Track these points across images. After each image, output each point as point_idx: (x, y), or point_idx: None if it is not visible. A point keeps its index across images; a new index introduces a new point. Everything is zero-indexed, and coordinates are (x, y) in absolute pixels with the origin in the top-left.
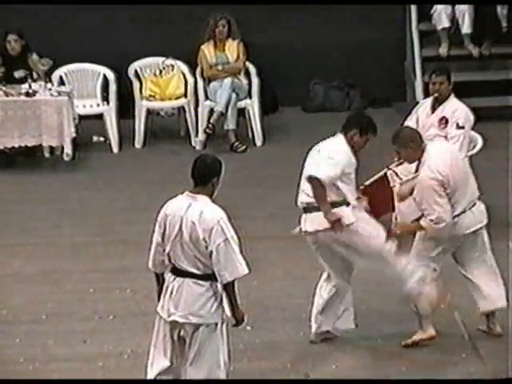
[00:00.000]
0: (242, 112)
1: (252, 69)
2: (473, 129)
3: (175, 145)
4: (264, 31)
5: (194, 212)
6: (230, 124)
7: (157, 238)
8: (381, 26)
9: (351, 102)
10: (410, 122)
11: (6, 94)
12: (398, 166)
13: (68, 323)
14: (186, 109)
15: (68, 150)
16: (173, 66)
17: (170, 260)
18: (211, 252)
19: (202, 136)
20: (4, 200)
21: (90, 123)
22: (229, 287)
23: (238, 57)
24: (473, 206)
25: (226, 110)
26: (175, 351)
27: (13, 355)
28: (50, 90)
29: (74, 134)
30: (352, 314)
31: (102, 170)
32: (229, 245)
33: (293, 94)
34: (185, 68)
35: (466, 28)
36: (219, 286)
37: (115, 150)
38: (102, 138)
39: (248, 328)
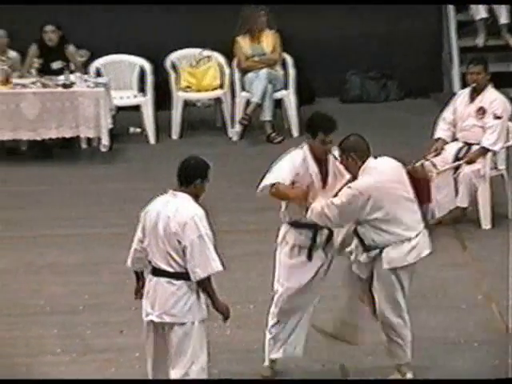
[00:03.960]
0: (278, 103)
1: (288, 59)
2: (510, 119)
3: (212, 136)
4: (300, 22)
5: (170, 207)
6: (267, 115)
7: (138, 234)
8: (418, 16)
9: (388, 92)
10: (448, 113)
11: (44, 86)
12: (435, 156)
13: (105, 314)
14: (223, 100)
15: (105, 141)
16: (209, 57)
17: (147, 257)
18: (185, 247)
19: (238, 127)
20: (41, 191)
21: (126, 114)
22: (204, 284)
23: (274, 48)
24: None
25: (263, 101)
26: (159, 352)
27: (50, 346)
28: (87, 81)
29: (110, 126)
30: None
31: (139, 161)
32: (202, 241)
33: (329, 85)
34: (221, 59)
35: (503, 18)
36: (194, 285)
37: (152, 141)
38: (138, 129)
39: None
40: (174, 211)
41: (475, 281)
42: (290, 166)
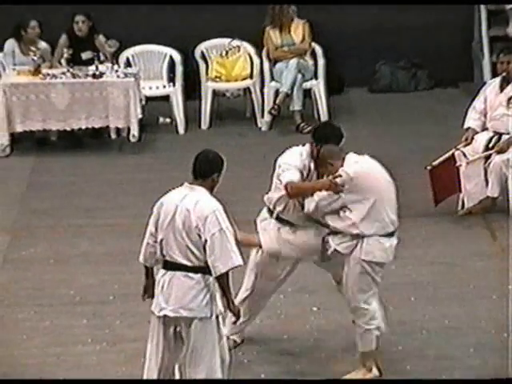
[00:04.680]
0: (307, 93)
1: (318, 49)
2: None
3: (241, 126)
4: (330, 11)
5: (189, 200)
6: (296, 105)
7: (150, 228)
8: (448, 5)
9: (418, 82)
10: (478, 102)
11: (73, 76)
12: (465, 146)
13: (135, 304)
14: (252, 90)
15: (134, 131)
16: (239, 47)
17: (162, 251)
18: (205, 241)
19: (267, 117)
20: (71, 181)
21: (156, 104)
22: (222, 280)
23: (304, 38)
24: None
25: (292, 91)
26: (169, 350)
27: (80, 336)
28: (116, 71)
29: (140, 116)
30: None
31: (168, 151)
32: (224, 235)
33: (359, 75)
34: (251, 49)
35: None
36: (211, 279)
37: (181, 131)
38: (167, 120)
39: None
40: (194, 205)
41: (506, 271)
42: (297, 163)
